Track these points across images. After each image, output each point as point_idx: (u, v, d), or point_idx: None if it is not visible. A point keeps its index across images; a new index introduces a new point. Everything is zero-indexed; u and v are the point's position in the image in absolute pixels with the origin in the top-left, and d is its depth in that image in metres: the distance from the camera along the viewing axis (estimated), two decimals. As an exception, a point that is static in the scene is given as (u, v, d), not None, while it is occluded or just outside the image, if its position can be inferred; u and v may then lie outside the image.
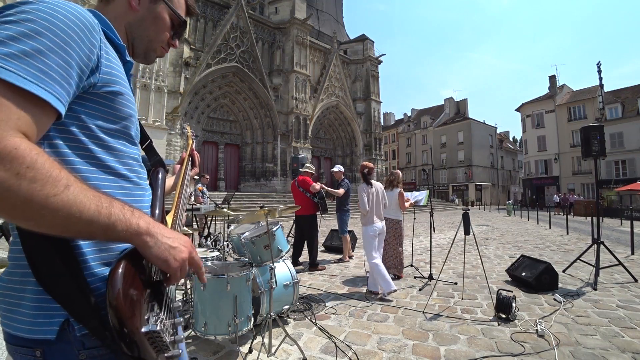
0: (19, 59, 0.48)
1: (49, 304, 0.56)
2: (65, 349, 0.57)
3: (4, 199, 0.44)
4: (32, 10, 0.51)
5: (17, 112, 0.47)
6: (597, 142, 4.62)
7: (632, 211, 11.97)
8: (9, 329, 0.59)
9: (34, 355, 0.57)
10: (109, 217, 0.52)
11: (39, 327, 0.56)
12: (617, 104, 29.16)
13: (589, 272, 4.64)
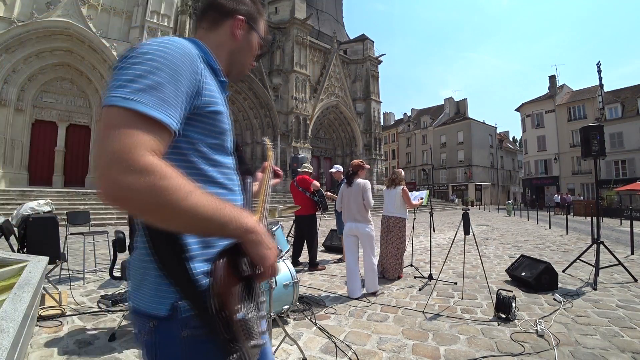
0: (145, 92, 0.60)
1: (165, 287, 0.68)
2: (172, 325, 0.68)
3: (146, 204, 0.56)
4: (150, 51, 0.64)
5: (148, 135, 0.59)
6: (596, 142, 4.63)
7: (631, 211, 11.98)
8: (134, 302, 0.73)
9: (149, 326, 0.70)
10: (223, 216, 0.63)
11: (155, 304, 0.69)
12: (617, 104, 29.18)
13: (589, 272, 4.64)
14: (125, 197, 0.56)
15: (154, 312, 0.69)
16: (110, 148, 0.56)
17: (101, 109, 0.62)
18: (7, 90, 14.78)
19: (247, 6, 0.90)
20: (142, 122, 0.58)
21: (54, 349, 2.39)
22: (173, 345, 0.69)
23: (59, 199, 11.81)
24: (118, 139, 0.56)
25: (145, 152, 0.57)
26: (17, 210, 3.58)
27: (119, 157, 0.55)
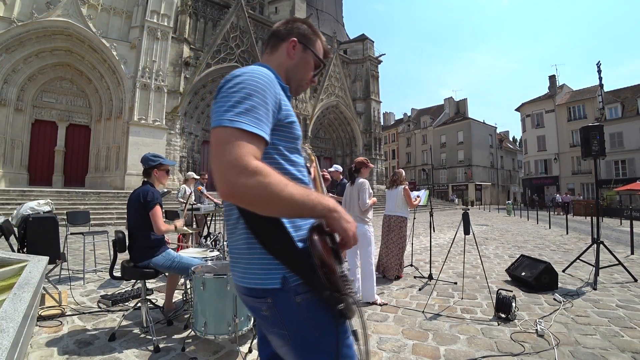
0: (244, 114, 0.78)
1: (271, 264, 0.84)
2: (286, 295, 0.84)
3: (256, 197, 0.73)
4: (243, 81, 0.82)
5: (251, 146, 0.75)
6: (596, 142, 4.62)
7: (631, 211, 11.99)
8: (246, 284, 0.88)
9: (267, 302, 0.85)
10: (312, 201, 0.79)
11: (268, 279, 0.84)
12: (617, 104, 29.17)
13: (589, 272, 4.64)
14: (241, 193, 0.73)
15: (268, 287, 0.84)
16: (226, 158, 0.73)
17: (212, 129, 0.80)
18: (7, 90, 14.78)
19: (300, 30, 1.06)
20: (245, 136, 0.76)
21: (54, 349, 2.39)
22: (293, 311, 0.85)
23: (58, 198, 11.81)
24: (230, 151, 0.74)
25: (251, 158, 0.73)
26: (17, 210, 3.58)
27: (234, 164, 0.72)
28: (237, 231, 0.92)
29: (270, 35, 1.07)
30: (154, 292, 3.73)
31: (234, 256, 0.94)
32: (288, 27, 1.05)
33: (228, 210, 0.95)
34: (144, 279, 2.75)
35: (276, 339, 0.90)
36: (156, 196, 2.71)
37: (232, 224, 0.94)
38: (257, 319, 0.94)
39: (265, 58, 1.07)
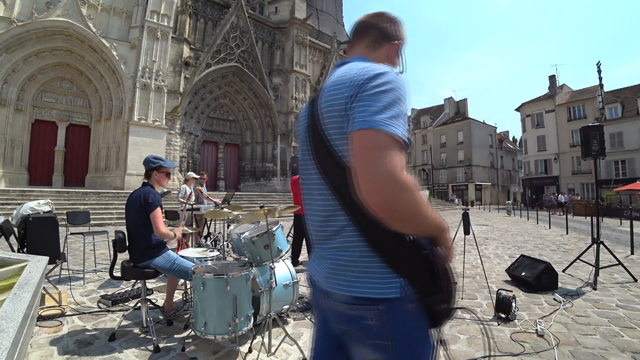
0: (396, 119, 0.73)
1: (389, 270, 0.80)
2: (400, 303, 0.81)
3: (407, 213, 0.71)
4: (391, 81, 0.76)
5: (402, 155, 0.71)
6: (596, 142, 4.62)
7: (631, 211, 11.99)
8: (357, 293, 0.82)
9: (377, 309, 0.81)
10: (439, 221, 0.80)
11: (387, 288, 0.80)
12: (617, 104, 29.16)
13: (589, 272, 4.64)
14: (396, 209, 0.69)
15: (386, 296, 0.80)
16: (385, 167, 0.69)
17: (359, 129, 0.73)
18: (7, 90, 14.78)
19: (400, 34, 1.01)
20: (398, 144, 0.72)
21: (54, 349, 2.39)
22: (404, 318, 0.82)
23: (58, 198, 11.81)
24: (389, 160, 0.69)
25: (405, 171, 0.70)
26: (17, 210, 3.58)
27: (394, 177, 0.68)
28: (339, 238, 0.86)
29: (370, 27, 0.99)
30: (154, 292, 3.73)
31: (335, 264, 0.86)
32: (394, 27, 0.99)
33: (327, 216, 0.88)
34: (144, 279, 2.75)
35: (371, 351, 0.84)
36: (157, 198, 2.71)
37: (333, 231, 0.87)
38: (347, 331, 0.88)
39: (362, 51, 0.98)
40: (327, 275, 0.88)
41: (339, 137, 0.82)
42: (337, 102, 0.81)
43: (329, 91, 0.86)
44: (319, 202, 0.91)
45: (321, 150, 0.86)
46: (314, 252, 0.99)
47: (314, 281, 0.96)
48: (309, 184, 0.96)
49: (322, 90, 0.90)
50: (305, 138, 0.94)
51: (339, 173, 0.82)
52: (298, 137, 1.03)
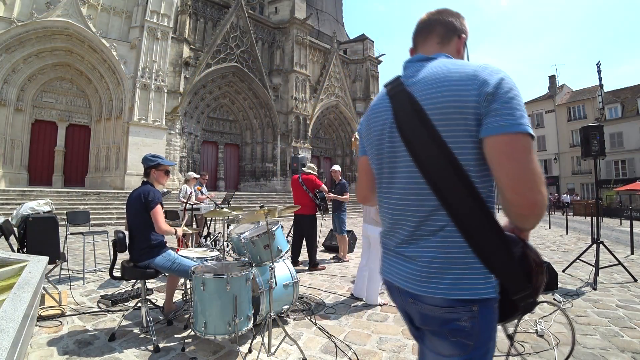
0: (527, 120, 0.77)
1: (487, 272, 0.80)
2: (492, 302, 0.82)
3: (544, 209, 0.79)
4: (514, 84, 0.80)
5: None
6: (596, 142, 4.62)
7: (631, 211, 11.98)
8: (456, 295, 0.81)
9: (471, 310, 0.81)
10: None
11: (486, 289, 0.81)
12: (617, 104, 29.16)
13: (589, 272, 4.64)
14: (542, 205, 0.77)
15: (483, 297, 0.81)
16: (537, 168, 0.76)
17: (511, 133, 0.76)
18: (7, 90, 14.77)
19: (465, 27, 1.01)
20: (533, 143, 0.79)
21: (54, 349, 2.39)
22: (492, 318, 0.84)
23: (58, 198, 11.81)
24: (536, 163, 0.77)
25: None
26: (17, 210, 3.58)
27: (542, 177, 0.77)
28: (437, 237, 0.83)
29: (437, 23, 0.99)
30: (154, 292, 3.73)
31: (429, 265, 0.84)
32: (459, 21, 1.00)
33: (424, 216, 0.86)
34: (144, 279, 2.74)
35: (450, 348, 0.85)
36: (157, 196, 2.71)
37: (431, 230, 0.84)
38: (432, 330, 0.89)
39: (434, 48, 0.98)
40: (418, 278, 0.85)
41: (454, 134, 0.80)
42: (456, 102, 0.80)
43: (436, 88, 0.83)
44: (413, 202, 0.88)
45: (424, 147, 0.83)
46: (391, 253, 0.96)
47: (393, 283, 0.94)
48: (391, 184, 0.95)
49: (416, 85, 0.88)
50: (387, 134, 0.93)
51: (445, 171, 0.81)
52: (368, 134, 1.02)
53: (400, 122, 0.88)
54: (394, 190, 0.94)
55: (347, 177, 27.31)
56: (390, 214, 0.96)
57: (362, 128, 1.08)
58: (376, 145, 0.98)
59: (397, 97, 0.90)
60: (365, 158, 1.08)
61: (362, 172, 1.13)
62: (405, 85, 0.90)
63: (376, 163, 1.00)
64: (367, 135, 1.03)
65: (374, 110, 1.00)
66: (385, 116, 0.94)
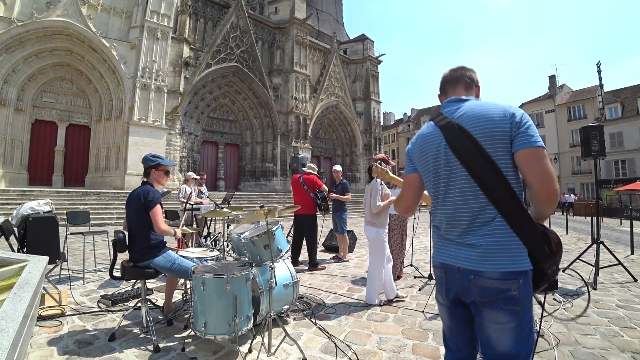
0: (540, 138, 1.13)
1: (524, 249, 1.12)
2: (529, 274, 1.14)
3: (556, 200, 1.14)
4: (529, 118, 1.16)
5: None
6: (596, 142, 4.62)
7: (631, 211, 11.96)
8: (512, 268, 1.11)
9: (518, 282, 1.11)
10: None
11: (526, 263, 1.12)
12: (617, 104, 29.16)
13: (589, 272, 4.64)
14: (558, 194, 1.12)
15: (525, 268, 1.12)
16: (552, 169, 1.10)
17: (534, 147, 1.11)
18: (7, 90, 14.77)
19: (478, 78, 1.41)
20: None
21: (54, 349, 2.39)
22: (530, 287, 1.14)
23: (58, 198, 11.81)
24: (551, 165, 1.12)
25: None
26: (17, 210, 3.58)
27: (555, 175, 1.11)
28: (490, 227, 1.14)
29: (464, 76, 1.38)
30: (154, 292, 3.73)
31: (488, 247, 1.13)
32: (475, 75, 1.40)
33: (477, 211, 1.16)
34: (144, 279, 2.74)
35: (505, 316, 1.11)
36: (157, 196, 2.71)
37: (483, 221, 1.15)
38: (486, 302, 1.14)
39: (465, 94, 1.36)
40: (479, 258, 1.14)
41: (497, 150, 1.14)
42: (497, 129, 1.14)
43: (478, 121, 1.17)
44: (468, 201, 1.18)
45: (475, 161, 1.15)
46: (452, 244, 1.24)
47: (454, 267, 1.21)
48: (449, 191, 1.24)
49: (461, 118, 1.21)
50: (443, 155, 1.24)
51: (492, 176, 1.13)
52: (422, 156, 1.32)
53: (454, 145, 1.20)
54: (452, 196, 1.23)
55: (348, 177, 27.31)
56: (448, 215, 1.25)
57: (414, 151, 1.36)
58: (433, 164, 1.27)
59: (448, 127, 1.22)
60: (415, 175, 1.37)
61: (410, 187, 1.40)
62: (451, 118, 1.24)
63: (433, 177, 1.29)
64: (421, 157, 1.33)
65: (425, 138, 1.31)
66: (438, 141, 1.25)
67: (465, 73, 1.38)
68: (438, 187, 1.27)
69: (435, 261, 1.32)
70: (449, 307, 1.28)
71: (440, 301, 1.31)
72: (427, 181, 1.33)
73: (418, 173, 1.36)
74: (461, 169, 1.18)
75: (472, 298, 1.16)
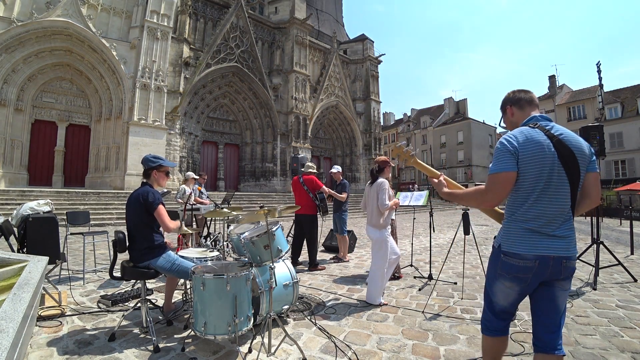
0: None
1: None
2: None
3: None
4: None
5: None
6: (596, 142, 4.62)
7: (631, 211, 11.95)
8: (577, 253, 1.53)
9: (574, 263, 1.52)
10: None
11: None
12: (617, 104, 29.17)
13: (589, 272, 4.65)
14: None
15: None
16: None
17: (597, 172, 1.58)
18: (7, 90, 14.77)
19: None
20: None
21: (54, 349, 2.39)
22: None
23: (58, 199, 11.81)
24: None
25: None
26: (17, 210, 3.58)
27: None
28: (570, 222, 1.50)
29: (534, 99, 1.71)
30: (153, 292, 3.73)
31: (573, 238, 1.50)
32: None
33: (567, 209, 1.48)
34: (144, 279, 2.74)
35: (569, 283, 1.54)
36: (157, 196, 2.71)
37: (568, 217, 1.49)
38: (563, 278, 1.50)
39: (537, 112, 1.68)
40: (568, 246, 1.47)
41: (582, 169, 1.49)
42: (586, 154, 1.51)
43: (576, 145, 1.49)
44: (565, 202, 1.48)
45: (575, 173, 1.47)
46: (545, 236, 1.47)
47: (549, 257, 1.45)
48: (557, 191, 1.48)
49: (564, 137, 1.49)
50: (557, 167, 1.47)
51: (577, 186, 1.49)
52: (534, 161, 1.48)
53: (565, 158, 1.47)
54: (557, 197, 1.48)
55: (347, 177, 27.31)
56: (550, 212, 1.47)
57: (526, 152, 1.48)
58: (549, 168, 1.47)
59: (559, 142, 1.48)
60: (516, 173, 1.50)
61: (509, 183, 1.51)
62: (557, 135, 1.50)
63: (544, 179, 1.47)
64: (534, 160, 1.47)
65: (541, 145, 1.48)
66: (553, 150, 1.48)
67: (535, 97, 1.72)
68: (544, 188, 1.47)
69: (522, 253, 1.48)
70: (519, 291, 1.56)
71: (512, 287, 1.56)
72: (528, 180, 1.49)
73: (517, 171, 1.50)
74: (564, 176, 1.47)
75: (553, 277, 1.49)
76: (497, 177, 1.51)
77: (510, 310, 1.64)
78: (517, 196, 1.52)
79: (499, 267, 1.57)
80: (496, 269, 1.59)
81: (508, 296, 1.58)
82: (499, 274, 1.58)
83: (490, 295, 1.66)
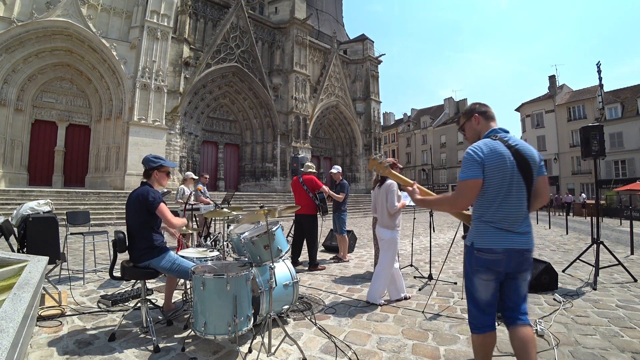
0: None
1: None
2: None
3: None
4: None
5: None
6: (596, 142, 4.63)
7: (631, 211, 11.96)
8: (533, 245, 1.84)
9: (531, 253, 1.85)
10: None
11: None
12: (617, 104, 29.16)
13: (589, 272, 4.65)
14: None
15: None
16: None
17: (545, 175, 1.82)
18: (7, 90, 14.77)
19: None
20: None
21: (54, 349, 2.39)
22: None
23: (58, 198, 11.81)
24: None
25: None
26: (17, 210, 3.58)
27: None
28: (528, 219, 1.74)
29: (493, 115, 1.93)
30: (153, 292, 3.73)
31: (531, 233, 1.76)
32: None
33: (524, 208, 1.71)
34: (144, 279, 2.74)
35: (529, 274, 1.78)
36: (157, 195, 2.71)
37: (526, 216, 1.73)
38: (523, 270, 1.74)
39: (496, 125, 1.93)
40: (528, 241, 1.71)
41: (535, 174, 1.70)
42: (537, 160, 1.72)
43: (530, 153, 1.70)
44: (523, 203, 1.69)
45: (530, 178, 1.68)
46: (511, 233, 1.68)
47: (514, 248, 1.67)
48: (517, 195, 1.68)
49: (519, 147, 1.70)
50: (516, 173, 1.66)
51: (530, 189, 1.70)
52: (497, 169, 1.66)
53: (521, 166, 1.67)
54: (516, 200, 1.68)
55: (347, 177, 27.31)
56: (513, 213, 1.68)
57: (490, 162, 1.66)
58: (509, 176, 1.66)
59: (517, 152, 1.67)
60: (482, 180, 1.67)
61: (475, 189, 1.68)
62: (514, 146, 1.69)
63: (505, 186, 1.66)
64: (496, 169, 1.65)
65: (502, 155, 1.66)
66: (512, 159, 1.66)
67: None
68: (507, 193, 1.67)
69: (494, 248, 1.67)
70: (494, 280, 1.72)
71: (489, 278, 1.71)
72: (493, 186, 1.67)
73: (483, 179, 1.67)
74: (522, 182, 1.67)
75: (515, 269, 1.70)
76: (466, 183, 1.68)
77: (492, 302, 1.76)
78: (483, 200, 1.71)
79: (474, 263, 1.73)
80: (472, 265, 1.75)
81: (488, 287, 1.73)
82: (475, 270, 1.73)
83: (472, 292, 1.78)
